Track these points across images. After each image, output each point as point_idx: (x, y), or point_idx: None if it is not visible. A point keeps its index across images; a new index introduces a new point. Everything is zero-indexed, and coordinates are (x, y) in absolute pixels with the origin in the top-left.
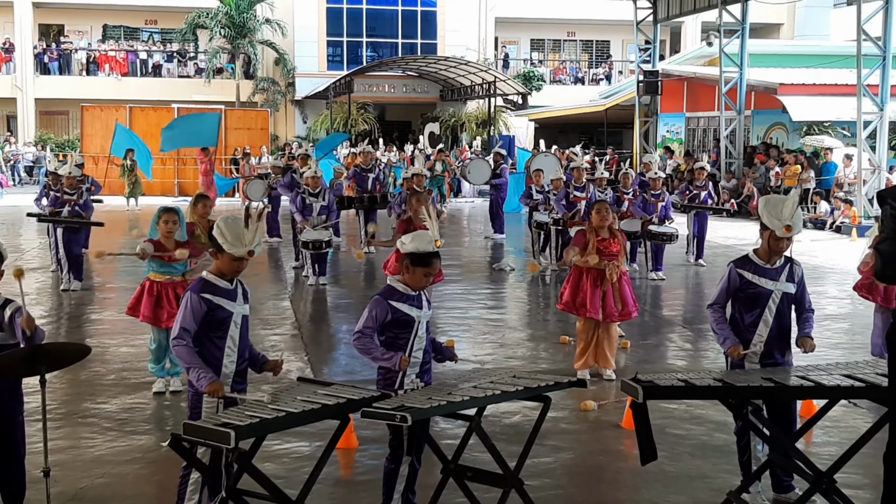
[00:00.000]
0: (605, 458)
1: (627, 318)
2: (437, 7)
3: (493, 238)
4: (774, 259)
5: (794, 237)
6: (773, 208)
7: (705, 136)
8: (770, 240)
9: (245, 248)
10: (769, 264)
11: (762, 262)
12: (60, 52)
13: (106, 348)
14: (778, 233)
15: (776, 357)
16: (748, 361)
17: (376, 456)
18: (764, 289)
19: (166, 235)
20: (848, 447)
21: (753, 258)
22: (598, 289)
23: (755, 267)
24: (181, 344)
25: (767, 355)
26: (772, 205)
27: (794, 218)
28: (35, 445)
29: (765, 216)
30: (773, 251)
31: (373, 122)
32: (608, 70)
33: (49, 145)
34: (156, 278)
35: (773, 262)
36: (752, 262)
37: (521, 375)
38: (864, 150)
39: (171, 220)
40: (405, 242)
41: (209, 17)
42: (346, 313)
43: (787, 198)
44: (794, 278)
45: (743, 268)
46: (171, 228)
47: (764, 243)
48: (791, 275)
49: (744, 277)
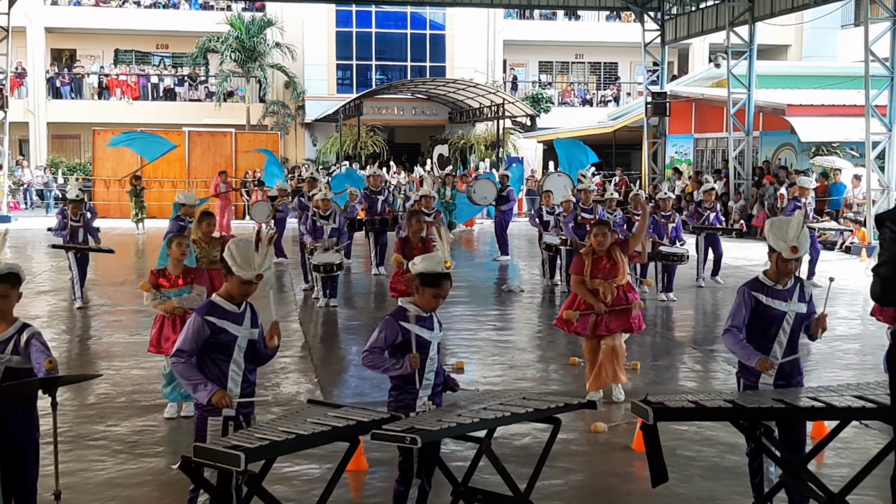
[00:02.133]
0: (616, 480)
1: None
2: (446, 30)
3: (500, 260)
4: (784, 280)
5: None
6: (779, 230)
7: (714, 157)
8: (778, 261)
9: (254, 271)
10: (780, 285)
11: (773, 284)
12: (72, 76)
13: (117, 371)
14: (785, 254)
15: (790, 377)
16: (762, 382)
17: (386, 478)
18: (778, 310)
19: (178, 259)
20: (860, 469)
21: (764, 280)
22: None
23: (767, 289)
24: (179, 362)
25: (780, 376)
26: (777, 227)
27: (799, 239)
28: (46, 468)
29: (770, 238)
30: (781, 272)
31: (382, 145)
32: (616, 92)
33: (61, 169)
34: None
35: (783, 283)
36: (764, 285)
37: (530, 397)
38: (872, 170)
39: (183, 244)
40: (416, 263)
41: (220, 42)
42: (355, 335)
43: (791, 219)
44: (805, 298)
45: (757, 291)
46: (183, 251)
47: (772, 265)
48: (802, 294)
49: (759, 301)
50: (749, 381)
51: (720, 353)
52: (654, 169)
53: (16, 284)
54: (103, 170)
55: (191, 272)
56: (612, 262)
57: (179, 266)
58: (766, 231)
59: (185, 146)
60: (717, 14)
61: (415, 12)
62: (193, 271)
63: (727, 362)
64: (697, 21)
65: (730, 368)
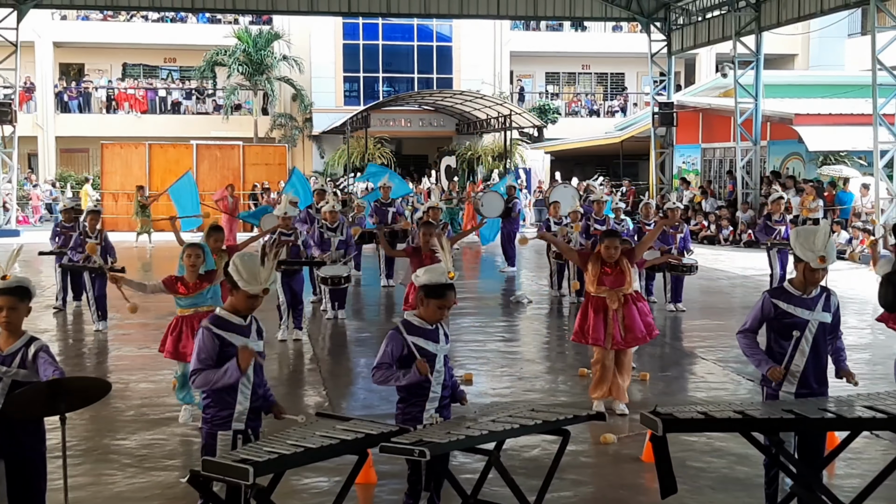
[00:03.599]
0: (626, 491)
1: (634, 344)
2: (453, 42)
3: (506, 272)
4: (810, 289)
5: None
6: (806, 240)
7: (721, 167)
8: (805, 271)
9: (260, 285)
10: (805, 294)
11: (797, 293)
12: (80, 90)
13: (126, 384)
14: (812, 264)
15: (813, 386)
16: (784, 391)
17: (395, 491)
18: (800, 318)
19: (191, 269)
20: (871, 479)
21: (789, 288)
22: (599, 316)
23: (790, 297)
24: (199, 376)
25: (803, 384)
26: (804, 237)
27: (827, 248)
28: (55, 482)
29: (798, 248)
30: (808, 282)
31: (390, 157)
32: (623, 102)
33: (69, 182)
34: (182, 313)
35: (808, 292)
36: (787, 293)
37: (539, 409)
38: (881, 179)
39: (194, 254)
40: (419, 275)
41: (227, 55)
42: (364, 347)
43: (818, 228)
44: (831, 308)
45: (778, 298)
46: (194, 262)
47: (799, 274)
48: (827, 304)
49: (778, 307)
50: (771, 389)
51: (729, 363)
52: (662, 179)
53: (24, 298)
54: (112, 183)
55: (205, 277)
56: (620, 270)
57: (194, 274)
58: (793, 241)
59: (193, 159)
60: (724, 24)
61: (422, 24)
62: (208, 275)
63: (736, 373)
64: (704, 31)
65: (739, 379)
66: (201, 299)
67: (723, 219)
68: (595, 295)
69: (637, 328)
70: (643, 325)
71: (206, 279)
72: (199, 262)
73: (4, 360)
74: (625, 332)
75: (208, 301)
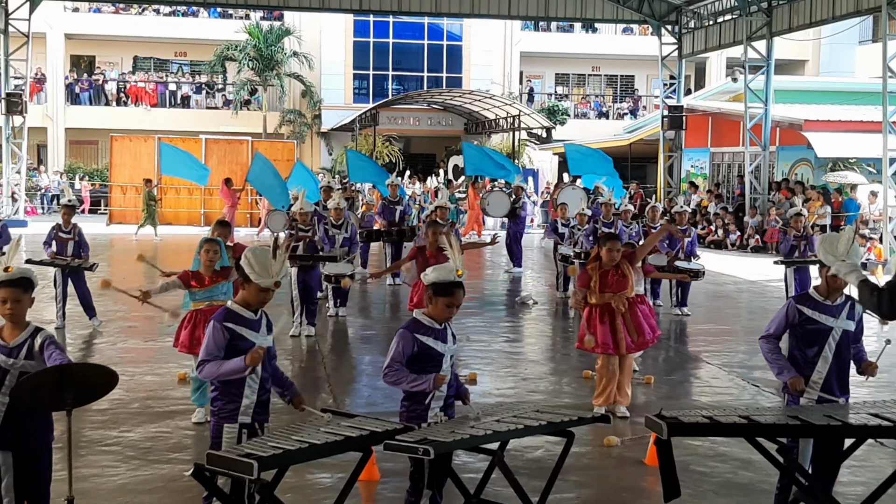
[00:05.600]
0: (628, 494)
1: (644, 346)
2: (463, 41)
3: (512, 272)
4: (835, 296)
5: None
6: (829, 245)
7: (730, 172)
8: (829, 277)
9: (272, 278)
10: (829, 301)
11: (822, 299)
12: (91, 82)
13: (130, 377)
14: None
15: (835, 393)
16: (806, 397)
17: (398, 489)
18: (824, 325)
19: (207, 264)
20: (875, 487)
21: (814, 295)
22: (606, 323)
23: (815, 304)
24: (206, 367)
25: (826, 391)
26: (828, 242)
27: (849, 254)
28: (59, 473)
29: (821, 254)
30: (832, 288)
31: (398, 155)
32: (633, 105)
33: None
34: (196, 307)
35: (833, 299)
36: (813, 299)
37: (544, 410)
38: (889, 186)
39: (212, 250)
40: (428, 274)
41: (238, 50)
42: (368, 345)
43: (841, 234)
44: (855, 316)
45: (803, 304)
46: (212, 258)
47: (823, 281)
48: (851, 312)
49: (803, 314)
50: (792, 396)
51: (734, 368)
52: (670, 182)
53: (28, 289)
54: (121, 176)
55: (220, 272)
56: (621, 274)
57: (210, 269)
58: (817, 247)
59: (202, 154)
60: (735, 28)
61: (432, 23)
62: (223, 271)
63: (741, 377)
64: (715, 35)
65: (744, 384)
66: (215, 293)
67: (730, 223)
68: (599, 302)
69: (645, 330)
70: (648, 327)
71: (222, 275)
72: (216, 257)
73: (11, 352)
74: (636, 336)
75: (222, 296)
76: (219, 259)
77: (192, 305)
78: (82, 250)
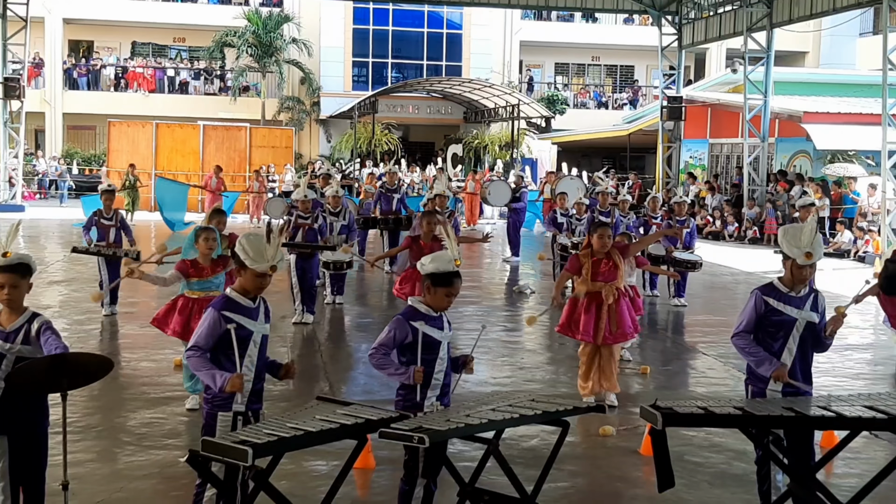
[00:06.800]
0: (623, 484)
1: (622, 339)
2: (463, 30)
3: (510, 261)
4: (799, 288)
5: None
6: (793, 237)
7: (728, 163)
8: (793, 268)
9: (268, 263)
10: (794, 293)
11: (787, 291)
12: (89, 67)
13: (127, 362)
14: (799, 261)
15: (798, 386)
16: (770, 388)
17: (393, 477)
18: (789, 316)
19: (206, 253)
20: (869, 479)
21: (778, 286)
22: (591, 312)
23: (780, 294)
24: (194, 355)
25: (790, 384)
26: (791, 234)
27: (813, 245)
28: (55, 458)
29: (784, 245)
30: (796, 279)
31: (396, 143)
32: (632, 95)
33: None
34: (192, 295)
35: (797, 290)
36: (777, 290)
37: (539, 399)
38: (888, 179)
39: (210, 238)
40: (425, 263)
41: (237, 36)
42: (365, 333)
43: (804, 225)
44: (818, 308)
45: (768, 295)
46: (210, 246)
47: (787, 272)
48: (815, 304)
49: (768, 304)
50: (757, 387)
51: (730, 358)
52: (669, 173)
53: (26, 275)
54: (118, 161)
55: (219, 261)
56: (613, 264)
57: (208, 258)
58: (780, 238)
59: (200, 140)
60: (735, 19)
61: (432, 11)
62: (221, 260)
63: (737, 368)
64: (715, 26)
65: (739, 375)
66: (212, 284)
67: (728, 215)
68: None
69: (626, 324)
70: (630, 321)
71: (221, 263)
72: (215, 245)
73: (7, 337)
74: (615, 328)
75: (218, 287)
76: (216, 247)
77: (187, 293)
78: (126, 234)
